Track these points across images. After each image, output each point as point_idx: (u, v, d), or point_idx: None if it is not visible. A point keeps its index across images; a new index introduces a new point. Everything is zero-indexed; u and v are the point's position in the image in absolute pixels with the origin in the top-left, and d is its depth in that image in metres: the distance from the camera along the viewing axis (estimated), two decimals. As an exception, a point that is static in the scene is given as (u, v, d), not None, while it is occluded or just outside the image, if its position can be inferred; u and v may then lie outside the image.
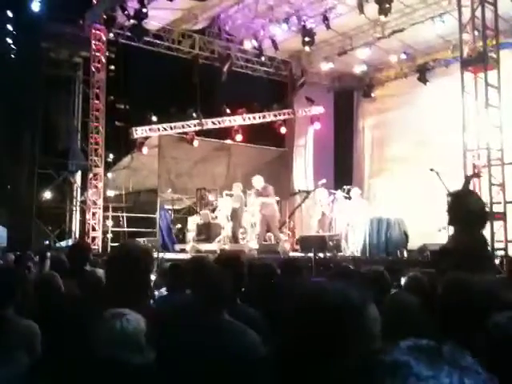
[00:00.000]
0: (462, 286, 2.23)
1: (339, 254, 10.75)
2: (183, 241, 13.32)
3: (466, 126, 9.50)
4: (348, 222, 11.51)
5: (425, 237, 10.11)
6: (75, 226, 13.42)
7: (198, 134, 14.48)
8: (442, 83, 13.53)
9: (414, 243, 10.42)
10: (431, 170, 9.14)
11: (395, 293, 3.57)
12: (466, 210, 3.41)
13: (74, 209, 13.54)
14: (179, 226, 14.20)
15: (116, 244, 12.42)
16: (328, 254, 10.34)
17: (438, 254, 3.63)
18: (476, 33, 9.90)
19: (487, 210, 3.60)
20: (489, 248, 3.84)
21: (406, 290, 3.68)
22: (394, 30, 13.06)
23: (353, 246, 11.15)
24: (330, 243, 11.06)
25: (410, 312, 2.61)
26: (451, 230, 3.80)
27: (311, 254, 9.32)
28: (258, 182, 11.73)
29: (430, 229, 9.77)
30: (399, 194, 13.05)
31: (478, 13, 9.68)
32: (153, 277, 4.79)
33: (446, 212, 3.59)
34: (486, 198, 9.12)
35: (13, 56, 15.74)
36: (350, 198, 12.03)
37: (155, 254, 9.78)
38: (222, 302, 2.63)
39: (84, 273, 4.19)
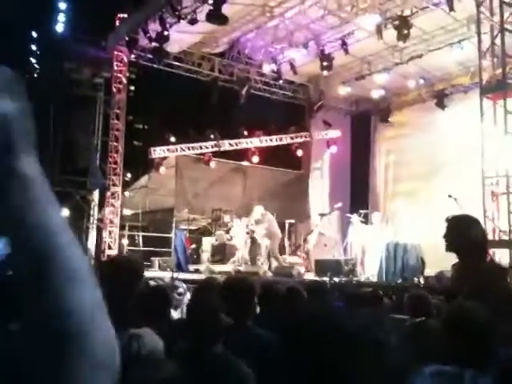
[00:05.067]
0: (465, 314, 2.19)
1: (354, 278, 10.67)
2: (198, 261, 13.31)
3: (485, 153, 9.45)
4: (364, 247, 11.43)
5: (442, 263, 9.96)
6: (91, 244, 13.50)
7: (215, 155, 14.60)
8: (461, 109, 13.51)
9: (430, 269, 10.28)
10: (449, 196, 9.12)
11: None
12: (469, 236, 3.08)
13: (91, 227, 13.63)
14: (194, 246, 14.19)
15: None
16: (343, 279, 10.27)
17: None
18: (495, 60, 9.91)
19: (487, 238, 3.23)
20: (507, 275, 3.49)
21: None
22: (412, 55, 13.13)
23: (368, 270, 11.06)
24: (346, 267, 11.00)
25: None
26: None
27: (326, 278, 9.28)
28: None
29: (448, 255, 9.63)
30: (416, 219, 12.93)
31: (498, 40, 9.72)
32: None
33: (443, 237, 3.23)
34: (504, 227, 9.05)
35: (35, 75, 16.09)
36: (366, 223, 11.98)
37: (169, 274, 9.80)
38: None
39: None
